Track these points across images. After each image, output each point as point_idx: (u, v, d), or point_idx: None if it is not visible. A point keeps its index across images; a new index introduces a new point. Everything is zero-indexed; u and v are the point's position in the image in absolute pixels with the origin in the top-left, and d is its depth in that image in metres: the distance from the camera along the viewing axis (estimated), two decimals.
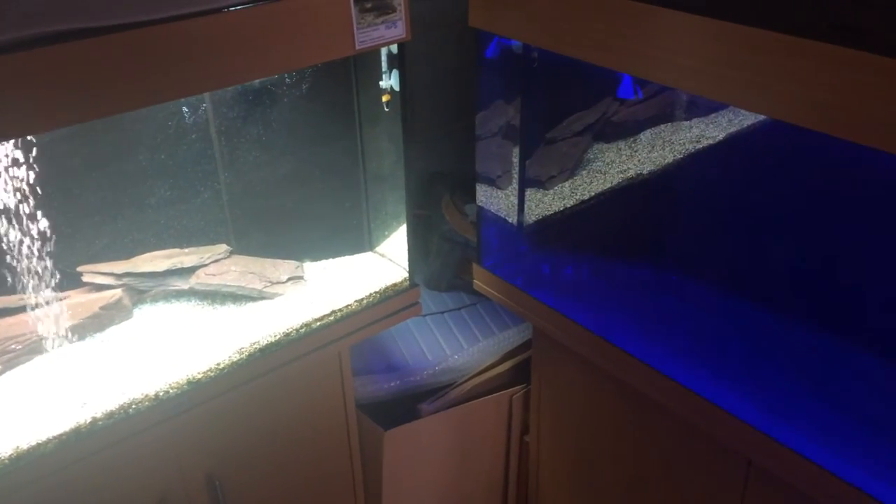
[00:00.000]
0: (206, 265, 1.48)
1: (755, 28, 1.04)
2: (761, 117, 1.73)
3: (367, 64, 1.47)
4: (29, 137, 1.18)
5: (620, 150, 1.85)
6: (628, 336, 1.48)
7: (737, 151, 1.78)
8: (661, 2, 1.16)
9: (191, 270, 1.47)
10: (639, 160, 1.84)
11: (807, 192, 1.50)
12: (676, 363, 1.41)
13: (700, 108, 1.84)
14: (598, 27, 1.23)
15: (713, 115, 1.85)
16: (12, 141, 1.17)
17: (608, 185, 1.81)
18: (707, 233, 1.70)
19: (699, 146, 1.82)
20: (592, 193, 1.80)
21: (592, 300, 1.60)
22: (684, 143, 1.84)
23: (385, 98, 1.43)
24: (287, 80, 1.44)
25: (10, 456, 1.18)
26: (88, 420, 1.25)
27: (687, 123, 1.85)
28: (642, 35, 1.18)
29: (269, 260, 1.55)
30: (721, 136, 1.82)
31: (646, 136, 1.86)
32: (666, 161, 1.83)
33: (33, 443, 1.20)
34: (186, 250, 1.49)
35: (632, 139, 1.85)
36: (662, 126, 1.85)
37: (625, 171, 1.83)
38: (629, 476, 1.62)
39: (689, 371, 1.39)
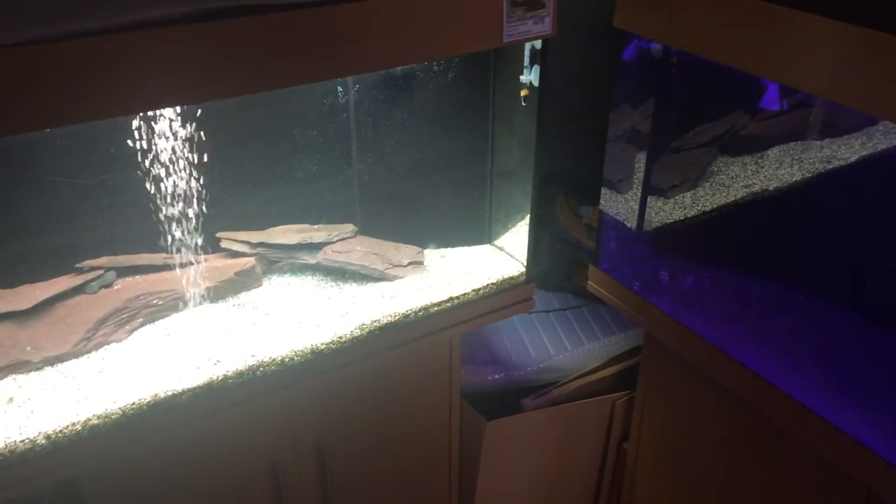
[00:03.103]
0: (333, 242, 1.54)
1: None
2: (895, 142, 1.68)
3: (506, 58, 1.50)
4: (193, 106, 1.25)
5: (746, 164, 1.82)
6: (746, 349, 1.45)
7: (868, 175, 1.73)
8: (815, 10, 1.15)
9: (319, 246, 1.53)
10: (764, 176, 1.81)
11: None
12: (796, 381, 1.38)
13: (833, 128, 1.80)
14: (749, 32, 1.22)
15: (846, 136, 1.80)
16: (175, 108, 1.24)
17: (731, 199, 1.79)
18: (833, 254, 1.66)
19: (829, 167, 1.78)
20: (714, 205, 1.78)
21: (710, 311, 1.58)
22: (814, 163, 1.80)
23: (524, 93, 1.45)
24: (434, 67, 1.48)
25: (147, 402, 1.26)
26: (220, 377, 1.31)
27: (818, 143, 1.80)
28: (793, 41, 1.17)
29: (391, 243, 1.60)
30: (853, 159, 1.77)
31: (774, 152, 1.82)
32: (793, 179, 1.79)
33: (170, 392, 1.27)
34: (316, 227, 1.55)
35: (759, 154, 1.82)
36: (792, 144, 1.81)
37: (749, 185, 1.80)
38: (731, 496, 1.59)
39: (810, 391, 1.36)
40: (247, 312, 1.44)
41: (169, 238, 1.38)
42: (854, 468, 1.27)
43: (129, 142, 1.25)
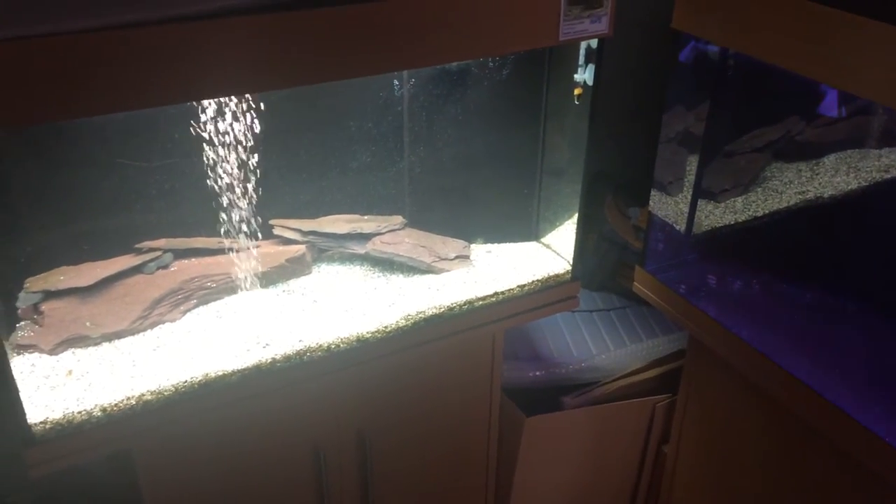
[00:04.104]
0: (382, 234, 1.56)
1: None
2: None
3: (561, 56, 1.50)
4: (253, 95, 1.28)
5: (801, 170, 1.80)
6: (791, 357, 1.44)
7: None
8: (877, 16, 1.13)
9: (368, 237, 1.55)
10: (819, 183, 1.78)
11: None
12: (843, 391, 1.36)
13: (892, 136, 1.76)
14: (808, 36, 1.21)
15: None
16: (236, 97, 1.28)
17: (783, 205, 1.77)
18: (885, 264, 1.63)
19: (886, 175, 1.75)
20: (766, 211, 1.76)
21: (757, 317, 1.57)
22: (871, 171, 1.77)
23: (577, 92, 1.46)
24: (490, 64, 1.49)
25: (199, 381, 1.30)
26: (269, 360, 1.34)
27: (876, 152, 1.77)
28: (853, 47, 1.15)
29: (439, 236, 1.62)
30: None
31: (830, 159, 1.80)
32: (849, 187, 1.76)
33: (220, 372, 1.31)
34: (366, 217, 1.58)
35: (814, 161, 1.80)
36: (849, 151, 1.78)
37: (803, 192, 1.78)
38: (769, 501, 1.58)
39: (857, 401, 1.34)
40: (296, 298, 1.48)
41: (224, 223, 1.42)
42: None
43: (192, 129, 1.29)
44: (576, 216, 1.59)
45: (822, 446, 1.42)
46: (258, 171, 1.39)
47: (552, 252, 1.68)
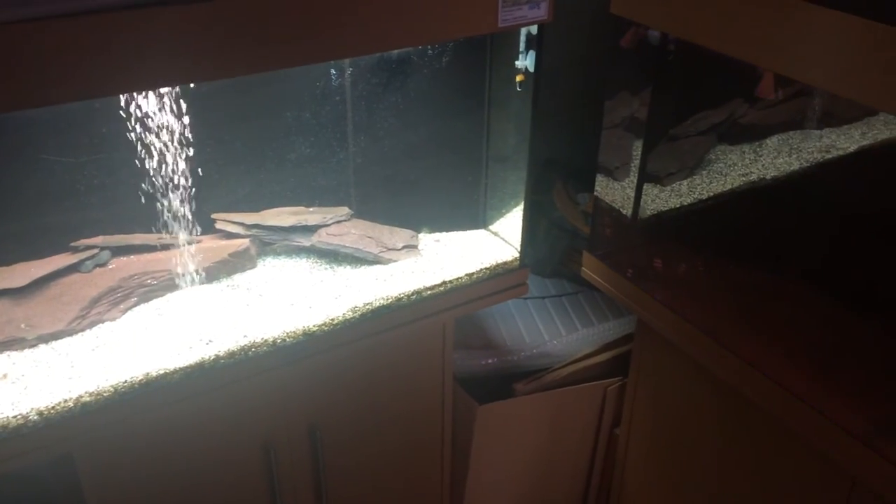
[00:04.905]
0: (328, 225, 1.54)
1: None
2: None
3: (502, 43, 1.49)
4: (187, 86, 1.25)
5: (744, 153, 1.82)
6: (736, 338, 1.46)
7: (865, 164, 1.72)
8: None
9: (313, 229, 1.53)
10: (762, 165, 1.80)
11: None
12: (785, 369, 1.38)
13: (833, 118, 1.79)
14: (746, 20, 1.21)
15: (846, 126, 1.80)
16: (169, 89, 1.24)
17: (727, 187, 1.78)
18: (825, 243, 1.66)
19: (828, 156, 1.77)
20: (710, 194, 1.78)
21: (702, 299, 1.58)
22: (812, 152, 1.79)
23: (519, 78, 1.45)
24: (429, 51, 1.47)
25: (139, 381, 1.27)
26: (212, 357, 1.32)
27: (817, 132, 1.80)
28: (792, 32, 1.16)
29: (386, 227, 1.60)
30: (852, 149, 1.77)
31: (773, 141, 1.82)
32: (791, 168, 1.79)
33: (161, 371, 1.28)
34: (311, 209, 1.55)
35: (757, 143, 1.82)
36: (791, 133, 1.81)
37: (747, 174, 1.80)
38: (719, 481, 1.60)
39: (799, 379, 1.36)
40: (240, 293, 1.45)
41: (164, 218, 1.39)
42: (840, 457, 1.28)
43: (124, 122, 1.25)
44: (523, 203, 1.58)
45: (771, 427, 1.44)
46: (197, 164, 1.36)
47: (500, 240, 1.67)
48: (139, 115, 1.25)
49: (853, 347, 1.47)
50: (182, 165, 1.34)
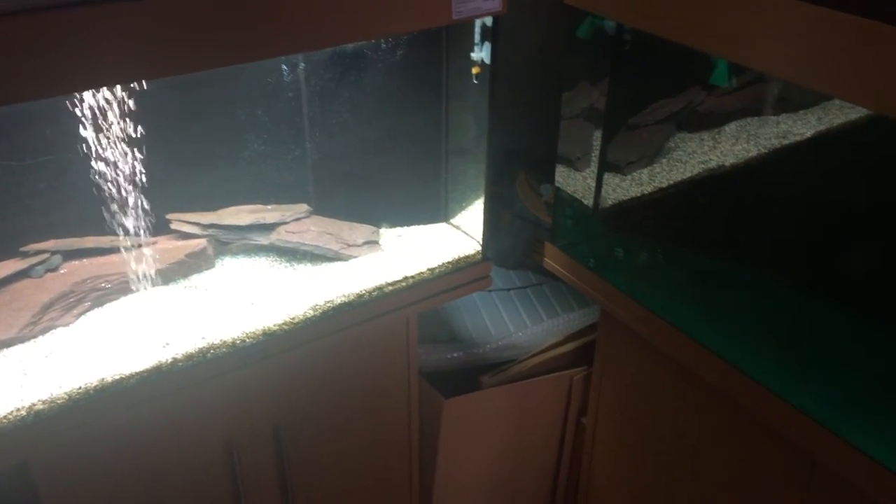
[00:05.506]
0: (286, 223, 1.52)
1: (862, 18, 1.02)
2: (852, 117, 1.69)
3: (458, 35, 1.48)
4: (134, 85, 1.22)
5: (703, 140, 1.83)
6: (698, 325, 1.47)
7: (822, 150, 1.74)
8: None
9: (272, 227, 1.51)
10: (721, 152, 1.81)
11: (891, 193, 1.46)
12: (746, 355, 1.40)
13: (789, 103, 1.81)
14: (699, 10, 1.22)
15: (802, 111, 1.81)
16: (119, 87, 1.22)
17: (687, 175, 1.79)
18: (783, 228, 1.68)
19: (785, 142, 1.79)
20: (671, 182, 1.79)
21: (663, 286, 1.59)
22: (770, 138, 1.81)
23: (475, 70, 1.44)
24: (383, 45, 1.46)
25: (94, 387, 1.25)
26: (169, 360, 1.30)
27: (774, 118, 1.81)
28: (743, 19, 1.17)
29: (346, 223, 1.59)
30: (809, 134, 1.78)
31: (731, 128, 1.83)
32: (749, 155, 1.80)
33: (117, 376, 1.26)
34: (269, 207, 1.53)
35: (716, 130, 1.83)
36: (749, 119, 1.82)
37: (706, 161, 1.81)
38: (685, 466, 1.62)
39: (759, 364, 1.38)
40: (198, 294, 1.43)
41: (117, 220, 1.36)
42: (799, 438, 1.30)
43: (71, 122, 1.22)
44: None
45: (735, 413, 1.45)
46: (150, 164, 1.33)
47: (462, 233, 1.67)
48: (88, 115, 1.22)
49: (812, 331, 1.49)
50: (134, 166, 1.32)
